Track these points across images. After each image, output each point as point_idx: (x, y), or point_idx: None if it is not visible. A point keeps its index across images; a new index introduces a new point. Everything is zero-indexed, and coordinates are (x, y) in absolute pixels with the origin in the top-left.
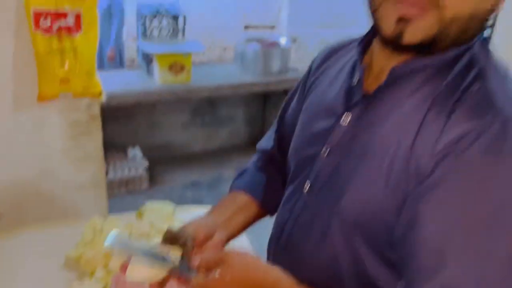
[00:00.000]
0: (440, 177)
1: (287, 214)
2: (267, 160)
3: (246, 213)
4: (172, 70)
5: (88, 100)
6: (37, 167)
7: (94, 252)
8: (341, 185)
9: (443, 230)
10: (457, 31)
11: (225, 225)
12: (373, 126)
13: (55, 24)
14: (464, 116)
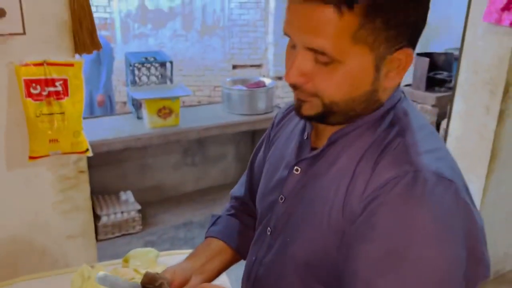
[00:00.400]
0: (367, 218)
1: (254, 255)
2: (239, 207)
3: (221, 258)
4: (160, 114)
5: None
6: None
7: None
8: (294, 229)
9: (369, 263)
10: (342, 109)
11: (201, 270)
12: (318, 177)
13: (44, 91)
14: (385, 168)
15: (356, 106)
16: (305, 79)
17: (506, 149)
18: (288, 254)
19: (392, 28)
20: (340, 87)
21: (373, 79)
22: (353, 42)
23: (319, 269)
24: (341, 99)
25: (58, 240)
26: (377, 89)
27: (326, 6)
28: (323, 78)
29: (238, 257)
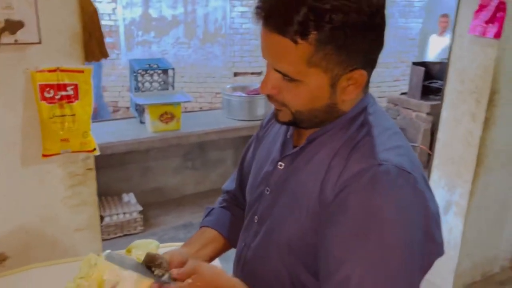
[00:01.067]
0: (338, 203)
1: (244, 241)
2: (230, 200)
3: (214, 246)
4: (162, 119)
5: (84, 154)
6: (41, 214)
7: (89, 283)
8: (278, 217)
9: (339, 241)
10: (307, 117)
11: (196, 255)
12: (298, 171)
13: (57, 95)
14: (355, 162)
15: (319, 115)
16: (276, 91)
17: (491, 155)
18: (272, 240)
19: (343, 54)
20: (301, 100)
21: (330, 94)
22: (309, 66)
23: (300, 252)
24: (304, 109)
25: (67, 232)
26: (336, 102)
27: (284, 37)
28: (289, 92)
29: (228, 245)
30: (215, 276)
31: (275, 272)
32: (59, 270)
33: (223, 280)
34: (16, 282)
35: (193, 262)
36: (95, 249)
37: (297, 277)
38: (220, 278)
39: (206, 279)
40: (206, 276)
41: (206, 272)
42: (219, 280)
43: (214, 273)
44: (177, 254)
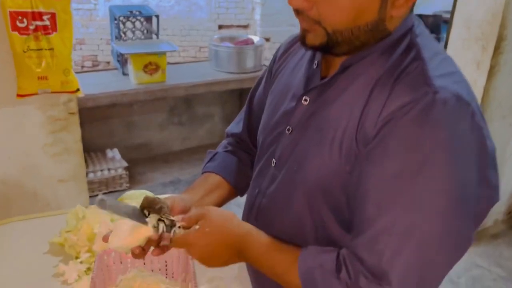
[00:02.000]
0: (380, 139)
1: (257, 188)
2: (236, 144)
3: (219, 193)
4: (147, 70)
5: (66, 96)
6: (20, 163)
7: (78, 237)
8: (303, 157)
9: (379, 184)
10: (347, 38)
11: (200, 202)
12: (328, 105)
13: (31, 24)
14: (402, 92)
15: (361, 35)
16: (309, 4)
17: (494, 105)
18: (295, 184)
19: None
20: (344, 13)
21: (379, 7)
22: None
23: (329, 197)
24: (345, 27)
25: (50, 183)
26: (384, 18)
27: None
28: (327, 4)
29: (234, 192)
30: (226, 221)
31: (296, 221)
32: (42, 224)
33: (234, 225)
34: None
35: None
36: (82, 201)
37: (323, 227)
38: (232, 223)
39: (216, 224)
40: (215, 221)
41: (215, 217)
42: (230, 225)
43: (224, 217)
44: (179, 200)
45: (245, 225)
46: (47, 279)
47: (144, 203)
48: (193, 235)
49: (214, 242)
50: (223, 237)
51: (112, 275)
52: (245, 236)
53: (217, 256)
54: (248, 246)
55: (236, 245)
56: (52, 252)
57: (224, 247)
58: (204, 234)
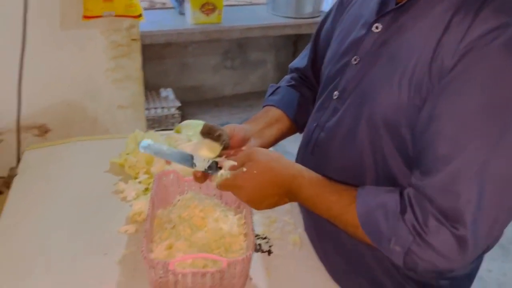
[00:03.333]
0: (461, 70)
1: (316, 121)
2: (299, 79)
3: (279, 126)
4: (204, 10)
5: (129, 22)
6: (83, 86)
7: (137, 159)
8: (370, 89)
9: (458, 120)
10: None
11: (259, 134)
12: (402, 33)
13: None
14: (490, 15)
15: None
16: None
17: None
18: (358, 116)
19: None
20: None
21: None
22: None
23: (393, 130)
24: None
25: (110, 109)
26: None
27: None
28: None
29: (294, 128)
30: (273, 161)
31: (355, 158)
32: (103, 146)
33: (283, 166)
34: (59, 153)
35: (254, 145)
36: (140, 128)
37: (385, 165)
38: (280, 164)
39: (263, 165)
40: (263, 163)
41: (263, 159)
42: (278, 167)
43: (272, 158)
44: (239, 129)
45: (295, 166)
46: (107, 195)
47: (203, 129)
48: (240, 177)
49: (262, 183)
50: (271, 178)
51: (169, 195)
52: (296, 176)
53: (266, 198)
54: (299, 187)
55: (286, 186)
56: (112, 171)
57: (273, 188)
58: (252, 176)
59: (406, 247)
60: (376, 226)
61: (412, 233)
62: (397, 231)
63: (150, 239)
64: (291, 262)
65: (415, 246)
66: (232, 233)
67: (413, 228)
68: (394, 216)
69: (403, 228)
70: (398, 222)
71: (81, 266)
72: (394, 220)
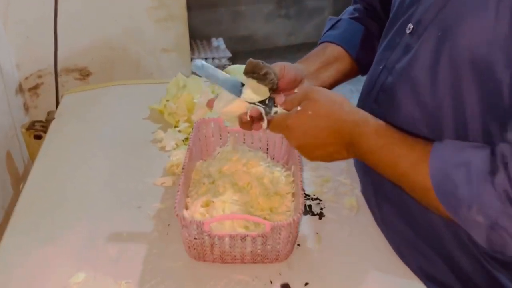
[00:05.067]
0: None
1: (383, 62)
2: (364, 10)
3: (338, 67)
4: None
5: None
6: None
7: (177, 105)
8: (455, 17)
9: None
10: None
11: (315, 75)
12: None
13: None
14: None
15: None
16: None
17: None
18: (437, 53)
19: None
20: None
21: None
22: None
23: (484, 70)
24: None
25: (153, 52)
26: None
27: None
28: None
29: (356, 69)
30: (335, 105)
31: (432, 104)
32: (144, 91)
33: (345, 111)
34: (98, 97)
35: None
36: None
37: (469, 114)
38: (342, 108)
39: (322, 106)
40: (321, 104)
41: (322, 99)
42: (339, 111)
43: (333, 101)
44: (291, 68)
45: (359, 112)
46: (145, 144)
47: (247, 67)
48: (293, 117)
49: (317, 127)
50: (329, 122)
51: (209, 146)
52: (359, 124)
53: (321, 146)
54: (361, 136)
55: (346, 135)
56: (151, 119)
57: (330, 135)
58: (306, 116)
59: (493, 218)
60: (454, 188)
61: (502, 200)
62: (482, 196)
63: (185, 194)
64: (345, 228)
65: (505, 218)
66: (279, 191)
67: (505, 194)
68: (480, 177)
69: (490, 193)
70: (485, 184)
71: (113, 218)
72: (480, 182)
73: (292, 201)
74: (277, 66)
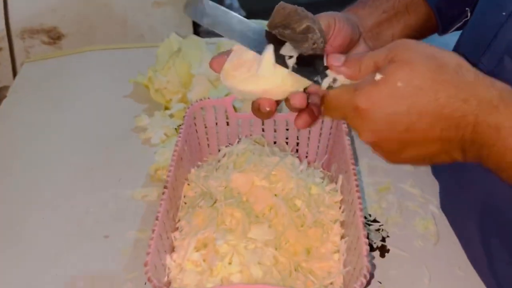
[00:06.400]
0: None
1: None
2: None
3: (407, 20)
4: None
5: None
6: None
7: (168, 78)
8: None
9: None
10: None
11: (373, 34)
12: None
13: None
14: None
15: None
16: None
17: None
18: None
19: None
20: None
21: None
22: None
23: None
24: None
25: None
26: None
27: None
28: None
29: (434, 23)
30: (444, 70)
31: None
32: (130, 57)
33: (464, 79)
34: (68, 68)
35: None
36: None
37: None
38: (457, 76)
39: (421, 75)
40: (420, 68)
41: (421, 59)
42: (454, 80)
43: (440, 62)
44: (343, 20)
45: (493, 83)
46: (124, 134)
47: (275, 18)
48: (368, 92)
49: (415, 110)
50: (437, 103)
51: (211, 144)
52: (493, 103)
53: (418, 141)
54: (502, 129)
55: (468, 125)
56: (135, 97)
57: (437, 123)
58: (394, 91)
59: None
60: None
61: None
62: None
63: (168, 227)
64: (421, 270)
65: None
66: (320, 220)
67: None
68: None
69: None
70: None
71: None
72: None
73: (340, 235)
74: (324, 18)
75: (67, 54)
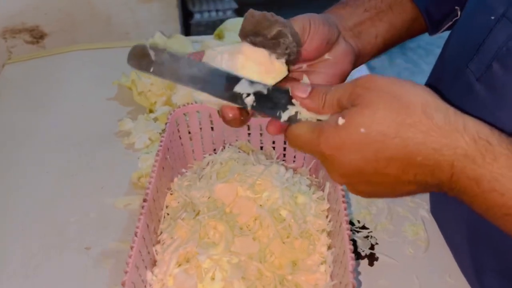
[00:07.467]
0: None
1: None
2: None
3: (392, 18)
4: None
5: None
6: None
7: (152, 81)
8: None
9: None
10: None
11: (355, 33)
12: None
13: None
14: None
15: None
16: None
17: None
18: None
19: None
20: None
21: None
22: None
23: None
24: None
25: (128, 3)
26: None
27: None
28: None
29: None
30: (411, 111)
31: None
32: (115, 57)
33: (433, 123)
34: (49, 68)
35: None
36: (172, 31)
37: None
38: (427, 119)
39: (385, 120)
40: (384, 112)
41: (385, 100)
42: (423, 123)
43: (405, 101)
44: (319, 23)
45: (465, 123)
46: (107, 139)
47: (245, 26)
48: (332, 135)
49: (381, 157)
50: (405, 150)
51: (196, 147)
52: (468, 156)
53: (389, 184)
54: (473, 164)
55: (444, 171)
56: (120, 100)
57: (408, 170)
58: (358, 138)
59: None
60: None
61: None
62: None
63: (148, 241)
64: (411, 279)
65: None
66: (307, 230)
67: None
68: None
69: None
70: None
71: (44, 267)
72: None
73: (327, 246)
74: (298, 21)
75: (49, 54)
